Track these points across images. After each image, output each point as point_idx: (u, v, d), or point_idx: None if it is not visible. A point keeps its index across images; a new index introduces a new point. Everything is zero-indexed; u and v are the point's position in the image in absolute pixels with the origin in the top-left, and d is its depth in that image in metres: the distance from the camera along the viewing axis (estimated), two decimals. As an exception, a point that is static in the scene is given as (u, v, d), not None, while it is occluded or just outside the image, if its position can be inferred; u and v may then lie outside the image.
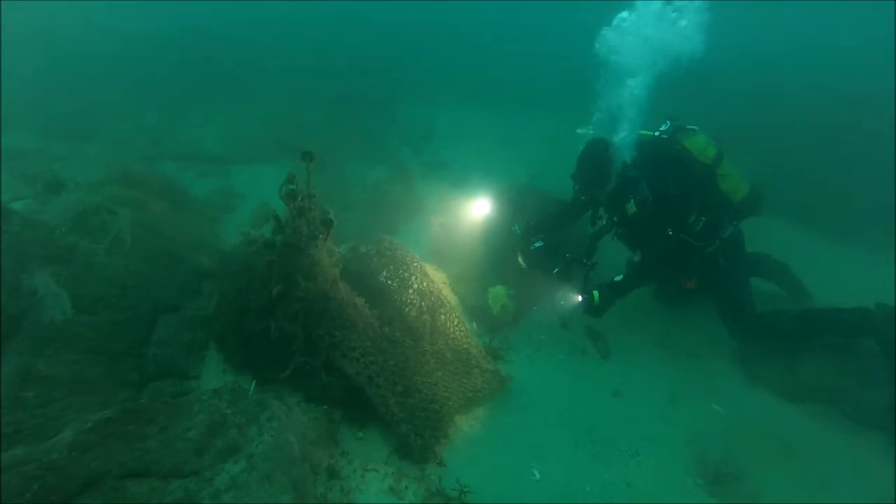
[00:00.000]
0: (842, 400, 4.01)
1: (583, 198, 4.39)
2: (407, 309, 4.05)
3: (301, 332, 3.24)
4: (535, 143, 8.26)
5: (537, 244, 4.54)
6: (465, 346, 4.01)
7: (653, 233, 4.10)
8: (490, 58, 11.97)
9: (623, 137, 4.18)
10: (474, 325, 4.57)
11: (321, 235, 3.32)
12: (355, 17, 13.11)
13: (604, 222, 4.36)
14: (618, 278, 4.21)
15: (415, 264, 4.43)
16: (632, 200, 3.98)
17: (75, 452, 2.14)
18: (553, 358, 4.42)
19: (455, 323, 4.18)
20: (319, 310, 3.26)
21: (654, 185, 4.02)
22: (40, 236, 3.17)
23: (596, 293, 4.13)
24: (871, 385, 3.94)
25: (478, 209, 5.36)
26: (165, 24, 11.29)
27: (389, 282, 4.23)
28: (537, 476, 3.34)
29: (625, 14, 4.27)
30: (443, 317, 4.15)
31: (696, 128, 4.19)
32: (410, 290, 4.22)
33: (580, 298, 4.24)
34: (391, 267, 4.34)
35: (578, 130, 4.40)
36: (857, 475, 3.51)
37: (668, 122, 4.27)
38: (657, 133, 4.26)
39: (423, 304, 4.16)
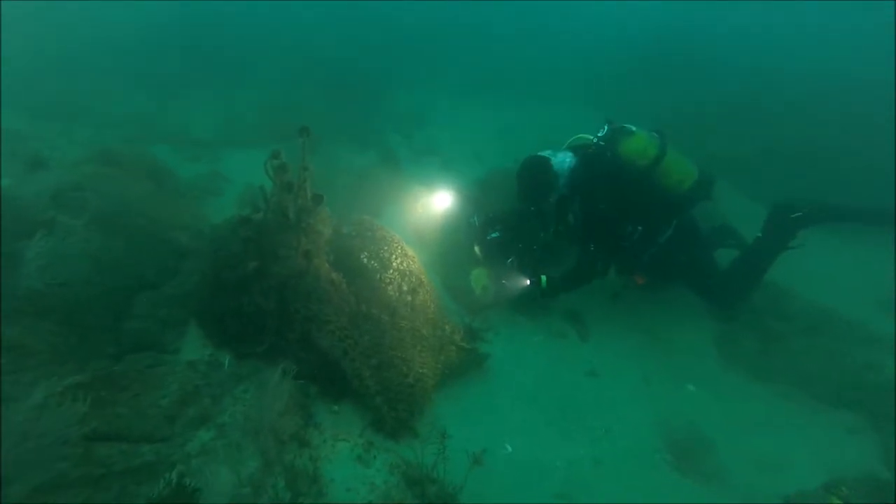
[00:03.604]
0: (811, 382, 4.09)
1: (532, 208, 4.53)
2: (386, 288, 4.09)
3: (275, 307, 3.29)
4: (525, 131, 8.28)
5: (493, 235, 4.63)
6: (443, 324, 4.07)
7: (588, 244, 4.31)
8: (485, 46, 11.92)
9: (562, 148, 4.39)
10: (455, 305, 4.64)
11: (311, 209, 3.38)
12: (350, 2, 13.04)
13: (551, 230, 4.52)
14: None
15: (396, 244, 4.47)
16: (570, 214, 4.27)
17: (44, 415, 2.19)
18: (532, 339, 4.49)
19: (434, 302, 4.24)
20: (294, 285, 3.31)
21: (586, 201, 4.21)
22: (17, 212, 3.20)
23: (544, 277, 4.37)
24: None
25: (439, 202, 5.47)
26: (159, 8, 11.24)
27: (370, 262, 4.26)
28: (509, 450, 3.41)
29: None
30: (422, 296, 4.19)
31: (634, 128, 4.17)
32: (391, 270, 4.25)
33: (528, 282, 4.46)
34: (372, 247, 4.38)
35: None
36: (820, 452, 3.59)
37: (606, 125, 4.28)
38: (595, 139, 4.27)
39: (403, 283, 4.20)
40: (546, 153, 4.39)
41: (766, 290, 4.71)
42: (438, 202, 5.56)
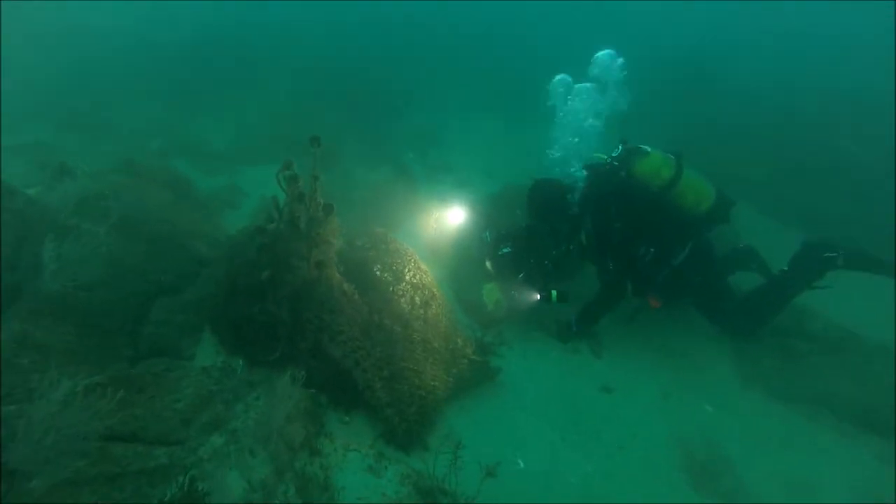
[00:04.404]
0: (837, 402, 3.98)
1: (544, 227, 4.56)
2: (399, 300, 4.10)
3: (288, 315, 3.31)
4: (537, 148, 8.33)
5: (504, 250, 4.64)
6: (455, 337, 4.06)
7: (605, 262, 4.30)
8: (496, 63, 12.10)
9: (573, 170, 4.41)
10: (467, 319, 4.63)
11: (322, 219, 3.42)
12: (364, 22, 13.39)
13: (562, 249, 4.50)
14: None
15: (409, 257, 4.50)
16: (583, 233, 4.28)
17: (63, 413, 2.22)
18: (545, 354, 4.45)
19: (447, 315, 4.23)
20: (307, 293, 3.33)
21: (597, 221, 4.20)
22: (43, 215, 3.30)
23: (554, 292, 4.37)
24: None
25: (453, 218, 5.54)
26: (178, 25, 11.68)
27: (383, 274, 4.29)
28: (521, 465, 3.36)
29: None
30: (434, 309, 4.20)
31: (649, 149, 4.11)
32: (404, 283, 4.27)
33: (538, 296, 4.47)
34: (386, 260, 4.41)
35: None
36: (845, 473, 3.48)
37: (621, 145, 4.25)
38: (609, 158, 4.24)
39: (415, 296, 4.22)
40: (558, 173, 4.43)
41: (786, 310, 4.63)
42: (452, 217, 5.61)
